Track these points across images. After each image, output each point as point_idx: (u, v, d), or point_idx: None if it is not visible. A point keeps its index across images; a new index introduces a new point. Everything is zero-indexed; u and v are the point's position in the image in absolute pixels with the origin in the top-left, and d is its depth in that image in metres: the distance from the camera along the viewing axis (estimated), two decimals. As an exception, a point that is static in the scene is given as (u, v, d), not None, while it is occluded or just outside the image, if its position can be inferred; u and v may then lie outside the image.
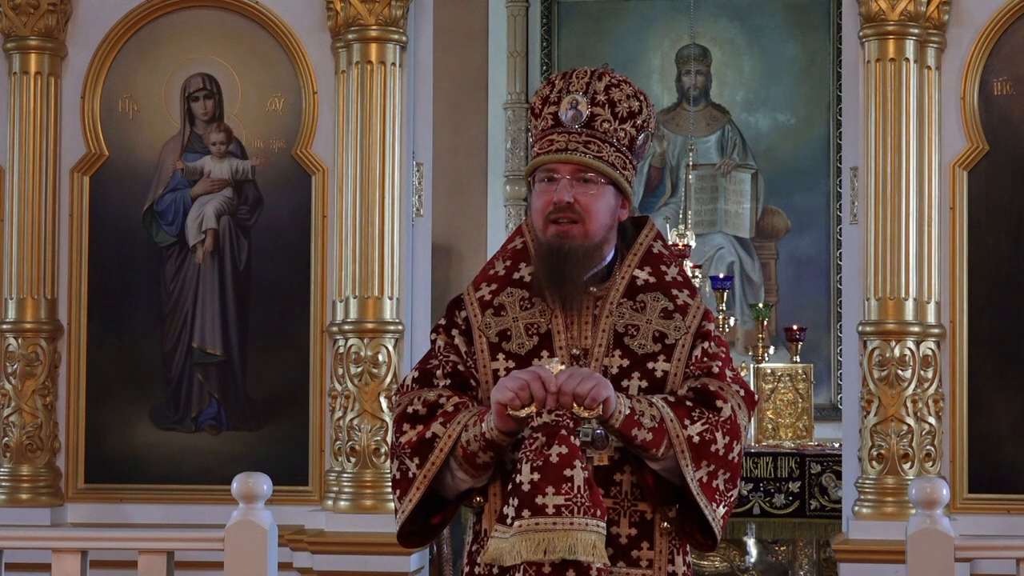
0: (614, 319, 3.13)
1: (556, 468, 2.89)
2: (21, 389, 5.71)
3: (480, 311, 3.18)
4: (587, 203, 3.10)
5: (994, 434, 5.40)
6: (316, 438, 5.66)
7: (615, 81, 3.17)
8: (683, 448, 3.00)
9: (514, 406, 2.95)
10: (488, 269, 3.27)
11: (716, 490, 3.03)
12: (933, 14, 5.40)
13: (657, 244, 3.26)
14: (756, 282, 10.48)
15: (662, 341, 3.12)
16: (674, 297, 3.17)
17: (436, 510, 3.16)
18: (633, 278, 3.18)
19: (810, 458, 8.01)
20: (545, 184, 3.14)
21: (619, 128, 3.14)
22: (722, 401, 3.06)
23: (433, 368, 3.18)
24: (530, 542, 2.89)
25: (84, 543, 4.51)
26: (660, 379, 3.10)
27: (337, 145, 5.63)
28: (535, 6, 10.62)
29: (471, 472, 3.06)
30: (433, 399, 3.10)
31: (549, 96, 3.17)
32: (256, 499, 4.40)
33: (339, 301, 5.58)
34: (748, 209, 10.51)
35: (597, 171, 3.11)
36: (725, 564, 8.84)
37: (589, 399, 2.94)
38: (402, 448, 3.09)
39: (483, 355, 3.14)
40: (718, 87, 10.59)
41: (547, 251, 3.12)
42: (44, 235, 5.75)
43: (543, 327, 3.13)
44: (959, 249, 5.44)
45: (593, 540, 2.89)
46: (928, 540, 4.21)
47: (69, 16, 5.83)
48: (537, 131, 3.19)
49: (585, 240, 3.11)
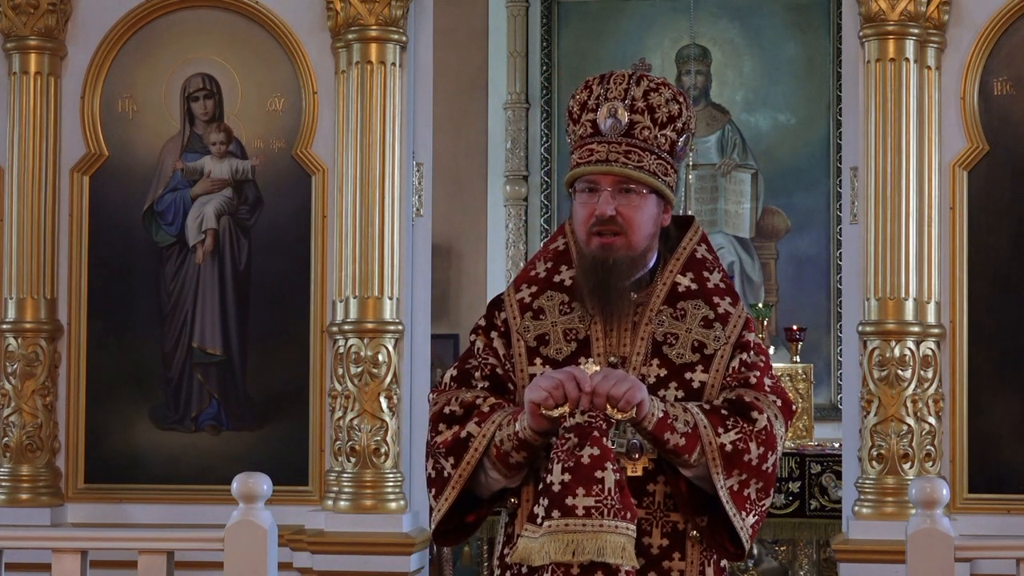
0: (653, 327, 3.11)
1: (587, 469, 2.88)
2: (21, 389, 5.71)
3: (519, 314, 3.17)
4: (630, 215, 3.08)
5: (994, 434, 5.40)
6: (316, 438, 5.66)
7: (654, 85, 3.13)
8: (715, 456, 2.99)
9: (547, 405, 2.94)
10: (529, 269, 3.24)
11: (747, 499, 3.02)
12: (933, 14, 5.40)
13: (701, 248, 3.23)
14: (756, 282, 10.47)
15: (701, 351, 3.11)
16: (715, 305, 3.15)
17: (471, 509, 3.15)
18: (675, 285, 3.16)
19: (810, 458, 8.01)
20: (587, 195, 3.11)
21: (659, 134, 3.11)
22: (757, 412, 3.05)
23: (472, 369, 3.17)
24: (559, 543, 2.88)
25: (84, 543, 4.51)
26: (697, 390, 3.09)
27: (337, 145, 5.63)
28: (535, 6, 10.61)
29: (504, 472, 3.05)
30: (470, 400, 3.10)
31: (587, 102, 3.14)
32: (256, 499, 4.40)
33: (339, 301, 5.58)
34: (748, 209, 10.50)
35: (639, 182, 3.08)
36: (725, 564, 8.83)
37: (623, 401, 2.93)
38: (437, 448, 3.09)
39: (520, 359, 3.14)
40: (718, 87, 10.58)
41: (591, 264, 3.10)
42: (44, 235, 5.75)
43: (581, 333, 3.12)
44: (959, 249, 5.44)
45: (622, 543, 2.88)
46: (928, 540, 4.20)
47: (69, 16, 5.83)
48: (576, 137, 3.15)
49: (629, 251, 3.09)
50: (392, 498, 5.49)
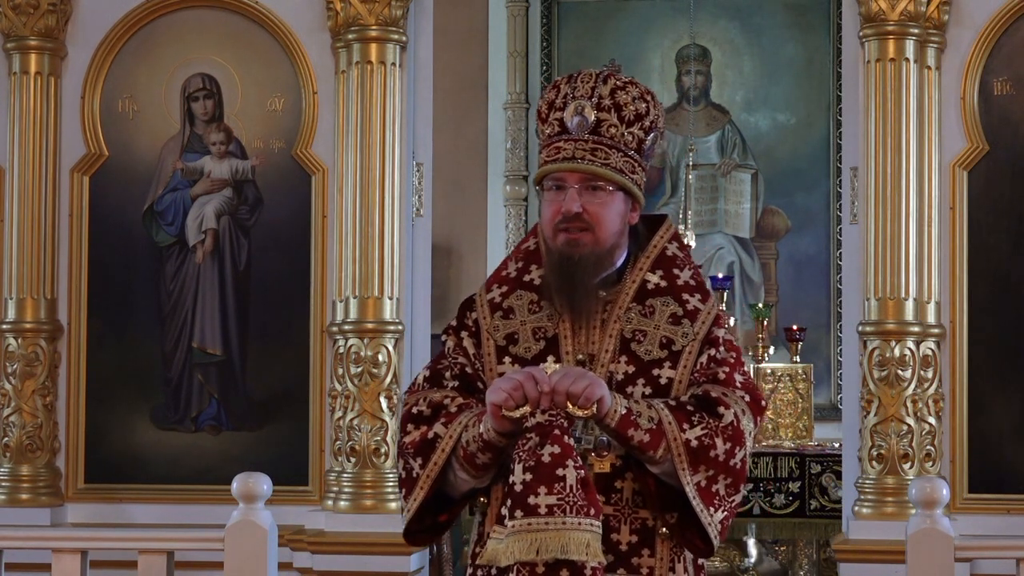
0: (622, 324, 3.12)
1: (548, 468, 2.88)
2: (21, 389, 5.71)
3: (490, 313, 3.17)
4: (596, 212, 3.09)
5: (994, 434, 5.40)
6: (316, 438, 5.66)
7: (621, 84, 3.13)
8: (680, 452, 2.99)
9: (508, 406, 2.95)
10: (501, 270, 3.25)
11: (715, 495, 3.01)
12: (933, 14, 5.40)
13: (672, 246, 3.23)
14: (756, 282, 10.47)
15: (669, 348, 3.11)
16: (684, 302, 3.15)
17: (443, 508, 3.16)
18: (644, 282, 3.16)
19: (810, 458, 8.01)
20: (554, 192, 3.12)
21: (627, 132, 3.12)
22: (724, 407, 3.04)
23: (443, 369, 3.19)
24: (523, 542, 2.88)
25: (84, 543, 4.51)
26: (665, 386, 3.09)
27: (337, 145, 5.63)
28: (535, 6, 10.61)
29: (472, 473, 3.06)
30: (438, 400, 3.11)
31: (555, 101, 3.14)
32: (256, 499, 4.40)
33: (339, 301, 5.58)
34: (748, 209, 10.50)
35: (605, 179, 3.09)
36: (725, 564, 8.84)
37: (583, 398, 2.93)
38: (406, 448, 3.10)
39: (490, 358, 3.15)
40: (718, 87, 10.58)
41: (558, 260, 3.10)
42: (44, 235, 5.75)
43: (550, 331, 3.12)
44: (959, 249, 5.44)
45: (587, 539, 2.88)
46: (928, 540, 4.20)
47: (69, 16, 5.83)
48: (544, 136, 3.16)
49: (596, 247, 3.09)
50: (392, 498, 5.49)
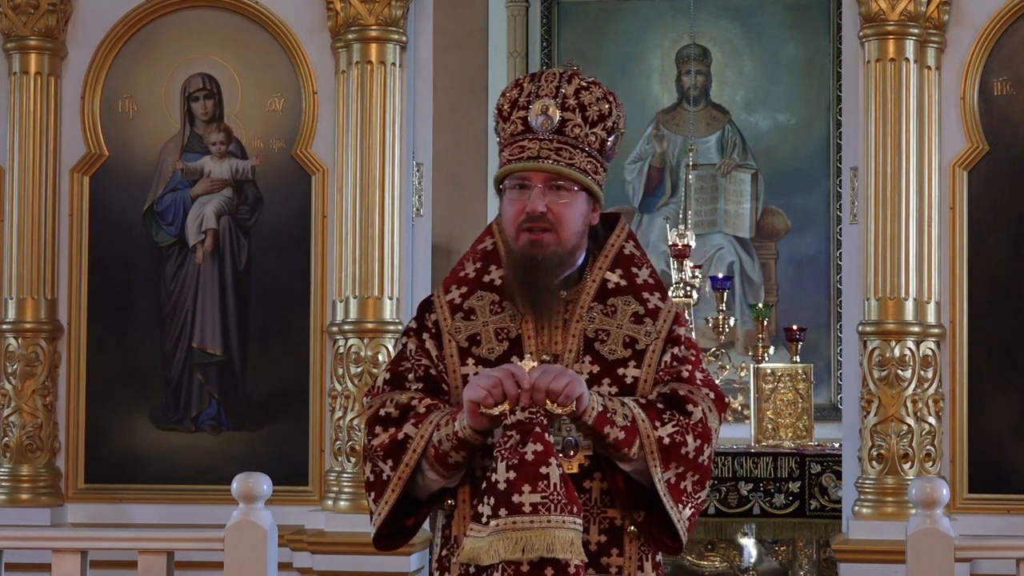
0: (584, 324, 3.12)
1: (532, 466, 2.88)
2: (21, 389, 5.71)
3: (450, 315, 3.15)
4: (560, 212, 3.08)
5: (994, 434, 5.40)
6: (316, 438, 5.66)
7: (585, 84, 3.13)
8: (653, 449, 3.00)
9: (487, 404, 2.94)
10: (458, 271, 3.23)
11: (683, 492, 3.03)
12: (933, 14, 5.41)
13: (628, 245, 3.23)
14: (756, 282, 10.47)
15: (633, 347, 3.11)
16: (645, 301, 3.16)
17: (409, 512, 3.14)
18: (604, 281, 3.16)
19: (810, 458, 8.01)
20: (517, 191, 3.11)
21: (590, 132, 3.11)
22: (692, 405, 3.06)
23: (405, 371, 3.16)
24: (508, 541, 2.87)
25: (84, 543, 4.52)
26: (630, 385, 3.09)
27: (337, 145, 5.63)
28: (535, 6, 10.61)
29: (442, 472, 3.04)
30: (405, 401, 3.09)
31: (518, 99, 3.13)
32: (256, 499, 4.41)
33: (339, 301, 5.58)
34: (748, 209, 10.50)
35: (570, 179, 3.09)
36: (725, 564, 8.84)
37: (563, 396, 2.93)
38: (375, 451, 3.08)
39: (452, 360, 3.13)
40: (718, 87, 10.58)
41: (520, 260, 3.09)
42: (44, 235, 5.75)
43: (513, 332, 3.11)
44: (959, 249, 5.44)
45: (571, 537, 2.88)
46: (928, 540, 4.21)
47: (69, 16, 5.83)
48: (506, 135, 3.15)
49: (558, 248, 3.09)
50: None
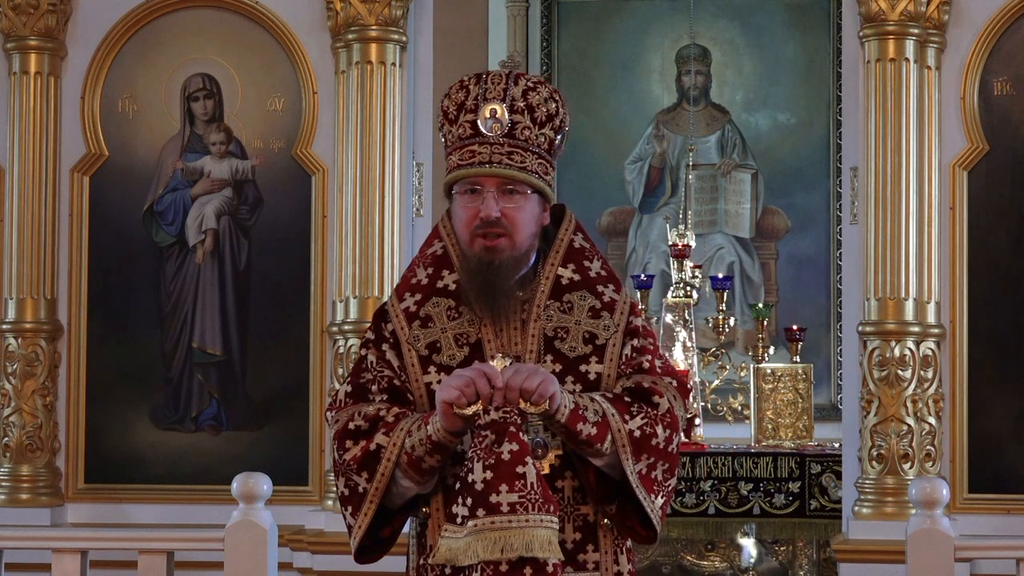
0: (543, 323, 3.10)
1: (508, 465, 2.87)
2: (21, 389, 5.71)
3: (407, 323, 3.13)
4: (514, 216, 3.06)
5: (994, 434, 5.40)
6: (316, 438, 5.66)
7: (531, 84, 3.12)
8: (624, 442, 2.99)
9: (460, 404, 2.92)
10: (410, 277, 3.20)
11: (654, 481, 3.03)
12: (933, 14, 5.41)
13: (578, 238, 3.21)
14: (756, 282, 10.47)
15: (592, 342, 3.10)
16: (600, 294, 3.14)
17: (385, 523, 3.13)
18: (558, 277, 3.14)
19: (810, 458, 8.01)
20: (468, 196, 3.08)
21: (539, 133, 3.10)
22: (658, 396, 3.06)
23: (367, 383, 3.13)
24: (486, 541, 2.86)
25: (84, 543, 4.52)
26: (594, 381, 3.08)
27: (337, 145, 5.63)
28: (535, 6, 10.61)
29: (416, 479, 3.02)
30: (373, 413, 3.06)
31: (465, 102, 3.11)
32: (256, 499, 4.41)
33: (339, 301, 5.58)
34: (748, 209, 10.50)
35: (523, 183, 3.07)
36: (725, 564, 8.84)
37: (536, 394, 2.92)
38: (348, 465, 3.05)
39: (414, 369, 3.11)
40: (718, 87, 10.58)
41: (476, 265, 3.07)
42: (44, 235, 5.75)
43: (472, 336, 3.09)
44: (959, 249, 5.44)
45: (548, 536, 2.88)
46: (928, 540, 4.21)
47: (69, 16, 5.83)
48: (453, 138, 3.12)
49: (513, 252, 3.07)
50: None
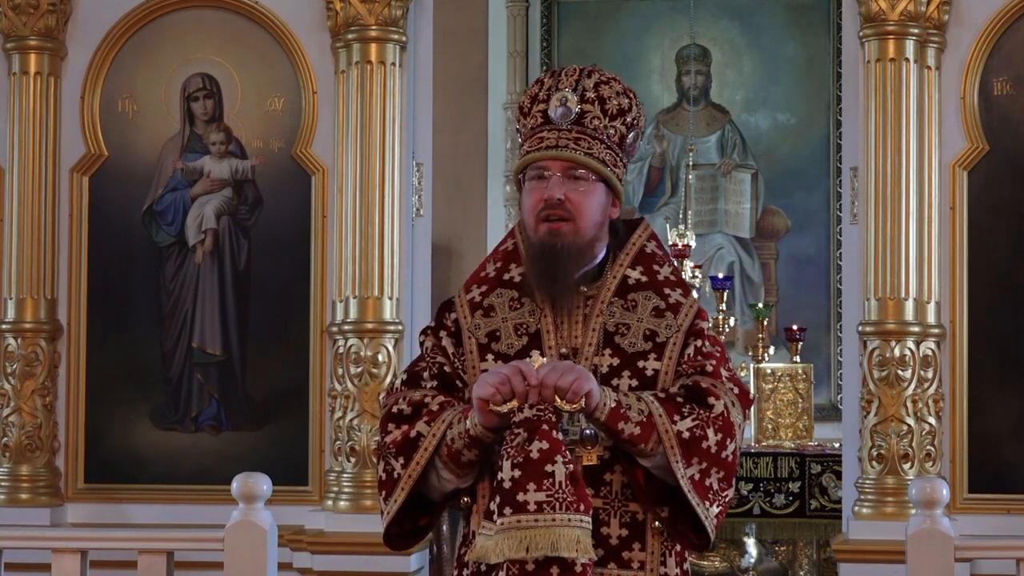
0: (604, 318, 3.10)
1: (537, 464, 2.86)
2: (21, 389, 5.71)
3: (470, 313, 3.16)
4: (578, 200, 3.08)
5: (994, 434, 5.40)
6: (316, 438, 5.66)
7: (604, 79, 3.14)
8: (672, 444, 2.96)
9: (495, 401, 2.92)
10: (480, 272, 3.24)
11: (709, 489, 2.98)
12: (933, 14, 5.40)
13: (651, 244, 3.22)
14: (756, 282, 10.48)
15: (653, 339, 3.10)
16: (666, 296, 3.14)
17: (424, 512, 3.13)
18: (625, 277, 3.15)
19: (810, 458, 8.02)
20: (536, 182, 3.11)
21: (609, 125, 3.12)
22: (714, 398, 3.02)
23: (420, 370, 3.16)
24: (512, 540, 2.85)
25: (84, 543, 4.52)
26: (651, 377, 3.07)
27: (337, 145, 5.63)
28: (535, 6, 10.62)
29: (456, 471, 3.03)
30: (418, 398, 3.08)
31: (538, 94, 3.15)
32: (256, 499, 4.41)
33: (339, 301, 5.58)
34: (748, 209, 10.51)
35: (588, 167, 3.09)
36: (725, 564, 8.84)
37: (571, 392, 2.91)
38: (387, 448, 3.06)
39: (472, 356, 3.12)
40: (718, 87, 10.59)
41: (538, 249, 3.09)
42: (44, 235, 5.75)
43: (532, 327, 3.11)
44: (959, 249, 5.44)
45: (577, 535, 2.86)
46: (928, 540, 4.21)
47: (69, 16, 5.83)
48: (526, 129, 3.16)
49: (576, 237, 3.08)
50: (382, 499, 5.48)
